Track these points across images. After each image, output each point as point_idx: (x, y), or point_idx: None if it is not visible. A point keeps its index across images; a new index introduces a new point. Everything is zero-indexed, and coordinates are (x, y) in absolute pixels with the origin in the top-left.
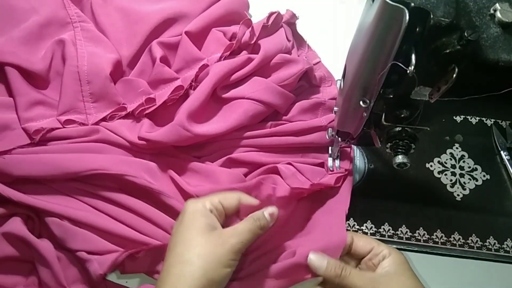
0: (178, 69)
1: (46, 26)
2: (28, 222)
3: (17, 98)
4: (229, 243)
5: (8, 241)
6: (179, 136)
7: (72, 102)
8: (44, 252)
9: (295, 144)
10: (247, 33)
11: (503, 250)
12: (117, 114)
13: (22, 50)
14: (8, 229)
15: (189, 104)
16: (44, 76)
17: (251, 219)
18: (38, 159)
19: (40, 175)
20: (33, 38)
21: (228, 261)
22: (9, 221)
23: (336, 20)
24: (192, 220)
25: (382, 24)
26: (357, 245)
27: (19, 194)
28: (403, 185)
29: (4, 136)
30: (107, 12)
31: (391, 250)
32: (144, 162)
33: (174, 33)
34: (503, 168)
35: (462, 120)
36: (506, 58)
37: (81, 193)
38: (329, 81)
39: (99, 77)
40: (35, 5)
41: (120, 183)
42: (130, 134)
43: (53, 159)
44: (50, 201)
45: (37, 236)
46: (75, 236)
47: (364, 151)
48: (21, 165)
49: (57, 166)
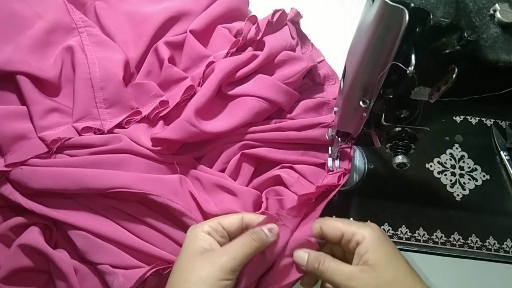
0: (186, 68)
1: (52, 33)
2: (45, 232)
3: (31, 106)
4: (219, 262)
5: (24, 253)
6: (187, 132)
7: (86, 109)
8: (61, 264)
9: (297, 139)
10: (252, 29)
11: (503, 250)
12: (133, 118)
13: (32, 58)
14: (25, 240)
15: (196, 101)
16: (56, 84)
17: (246, 233)
18: (59, 172)
19: (61, 189)
20: (41, 46)
21: (219, 281)
22: (27, 231)
23: (336, 20)
24: (188, 245)
25: (382, 24)
26: (326, 233)
27: (41, 207)
28: (403, 185)
29: (21, 146)
30: (111, 15)
31: (364, 232)
32: (166, 177)
33: (178, 32)
34: (502, 168)
35: (462, 120)
36: (506, 58)
37: (105, 207)
38: (333, 79)
39: (112, 83)
40: (39, 11)
41: (143, 200)
42: (146, 141)
43: (75, 173)
44: (74, 214)
45: (53, 246)
46: (100, 250)
47: (364, 151)
48: (41, 179)
49: (79, 181)
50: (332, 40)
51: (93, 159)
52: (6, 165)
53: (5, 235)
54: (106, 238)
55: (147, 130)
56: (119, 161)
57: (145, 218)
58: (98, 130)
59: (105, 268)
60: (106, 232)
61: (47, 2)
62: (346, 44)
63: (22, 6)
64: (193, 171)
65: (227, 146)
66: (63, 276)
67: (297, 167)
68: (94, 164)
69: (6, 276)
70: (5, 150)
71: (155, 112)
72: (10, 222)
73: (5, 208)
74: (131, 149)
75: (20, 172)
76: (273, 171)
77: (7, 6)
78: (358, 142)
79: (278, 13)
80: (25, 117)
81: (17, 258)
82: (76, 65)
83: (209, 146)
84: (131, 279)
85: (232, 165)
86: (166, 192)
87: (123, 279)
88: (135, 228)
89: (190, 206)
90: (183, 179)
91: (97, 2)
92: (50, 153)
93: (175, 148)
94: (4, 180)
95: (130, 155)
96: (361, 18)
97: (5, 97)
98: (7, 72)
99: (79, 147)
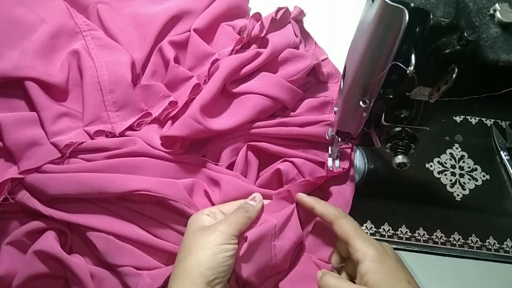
0: (191, 66)
1: (56, 37)
2: (61, 237)
3: (42, 112)
4: (218, 228)
5: (40, 259)
6: (192, 129)
7: (96, 113)
8: (77, 270)
9: (299, 135)
10: (256, 26)
11: (503, 250)
12: (144, 120)
13: (39, 63)
14: (40, 246)
15: (201, 98)
16: (64, 88)
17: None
18: (76, 178)
19: (79, 194)
20: (47, 50)
21: (219, 245)
22: (42, 237)
23: (336, 20)
24: (190, 225)
25: (382, 24)
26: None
27: (61, 213)
28: (403, 185)
29: (34, 153)
30: (114, 17)
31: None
32: (182, 182)
33: (180, 31)
34: (502, 168)
35: (462, 120)
36: (505, 58)
37: (124, 210)
38: (336, 78)
39: (121, 85)
40: (42, 16)
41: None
42: (159, 142)
43: (93, 178)
44: (94, 218)
45: (68, 251)
46: (121, 251)
47: (364, 151)
48: (58, 185)
49: (98, 186)
50: (332, 40)
51: (109, 163)
52: (20, 172)
53: (20, 241)
54: (127, 239)
55: (158, 131)
56: (136, 164)
57: (164, 219)
58: (110, 133)
59: (127, 270)
60: (127, 233)
61: (50, 6)
62: (345, 44)
63: (24, 11)
64: (207, 171)
65: (230, 143)
66: (79, 281)
67: (298, 162)
68: (111, 168)
69: (23, 282)
70: (18, 157)
71: (165, 113)
72: (25, 228)
73: (20, 214)
74: (147, 151)
75: (36, 179)
76: (275, 165)
77: (9, 11)
78: (358, 142)
79: (282, 11)
80: (36, 123)
81: (33, 265)
82: (83, 69)
83: (212, 143)
84: (158, 279)
85: (240, 162)
86: (182, 197)
87: (149, 279)
88: (155, 229)
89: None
90: (196, 183)
91: (99, 5)
92: (63, 158)
93: (185, 146)
94: (20, 187)
95: (146, 158)
96: (361, 18)
97: (14, 104)
98: (15, 78)
99: (93, 151)
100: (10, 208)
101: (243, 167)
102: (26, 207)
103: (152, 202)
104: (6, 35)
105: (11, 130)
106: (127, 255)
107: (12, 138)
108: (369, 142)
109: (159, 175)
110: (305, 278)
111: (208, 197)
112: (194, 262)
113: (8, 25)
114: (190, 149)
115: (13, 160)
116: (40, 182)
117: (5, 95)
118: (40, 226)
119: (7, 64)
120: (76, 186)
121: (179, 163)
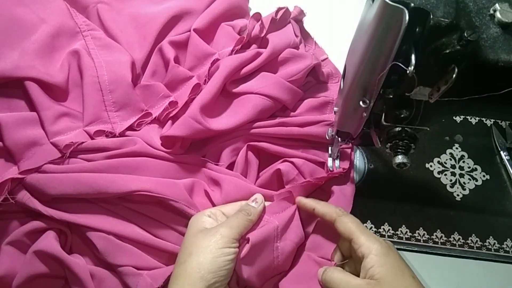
0: (191, 66)
1: (56, 37)
2: (61, 237)
3: (42, 112)
4: (219, 231)
5: (40, 259)
6: (192, 129)
7: (96, 112)
8: (77, 270)
9: (299, 135)
10: (256, 26)
11: (503, 250)
12: (144, 121)
13: (39, 63)
14: (40, 246)
15: (201, 98)
16: (64, 88)
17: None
18: (77, 178)
19: (79, 194)
20: (47, 50)
21: (220, 249)
22: (42, 237)
23: (336, 20)
24: (191, 227)
25: (382, 24)
26: (338, 227)
27: (61, 213)
28: (403, 185)
29: (34, 153)
30: (114, 18)
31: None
32: (183, 182)
33: (180, 31)
34: (502, 168)
35: (462, 120)
36: (506, 58)
37: (124, 210)
38: (336, 78)
39: (121, 85)
40: (42, 16)
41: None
42: (160, 142)
43: (93, 178)
44: (94, 218)
45: (68, 251)
46: (121, 251)
47: (364, 151)
48: (58, 185)
49: (98, 187)
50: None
51: (109, 163)
52: (20, 172)
53: (20, 241)
54: (127, 239)
55: (159, 131)
56: (136, 164)
57: (164, 220)
58: (110, 133)
59: (127, 270)
60: (127, 233)
61: (50, 6)
62: (345, 44)
63: (24, 11)
64: (207, 171)
65: (230, 143)
66: (79, 281)
67: (298, 163)
68: (111, 168)
69: (23, 282)
70: (18, 157)
71: (165, 113)
72: (25, 228)
73: (20, 214)
74: (147, 151)
75: (36, 179)
76: (275, 165)
77: (9, 11)
78: (358, 142)
79: (282, 11)
80: (36, 123)
81: (33, 265)
82: (83, 69)
83: (212, 143)
84: (158, 279)
85: (241, 162)
86: (182, 197)
87: (150, 279)
88: (155, 229)
89: (206, 207)
90: (197, 183)
91: (99, 5)
92: (63, 158)
93: (185, 146)
94: (20, 187)
95: (146, 158)
96: (361, 18)
97: (14, 104)
98: (15, 78)
99: (93, 151)
100: (10, 208)
101: (243, 167)
102: (26, 207)
103: (152, 202)
104: (6, 35)
105: (11, 130)
106: (127, 255)
107: (12, 138)
108: (369, 142)
109: (159, 175)
110: (305, 276)
111: (208, 197)
112: (194, 265)
113: (8, 25)
114: (190, 149)
115: (13, 160)
116: (40, 182)
117: (5, 95)
118: (40, 226)
119: (7, 64)
120: (76, 186)
121: (179, 163)
